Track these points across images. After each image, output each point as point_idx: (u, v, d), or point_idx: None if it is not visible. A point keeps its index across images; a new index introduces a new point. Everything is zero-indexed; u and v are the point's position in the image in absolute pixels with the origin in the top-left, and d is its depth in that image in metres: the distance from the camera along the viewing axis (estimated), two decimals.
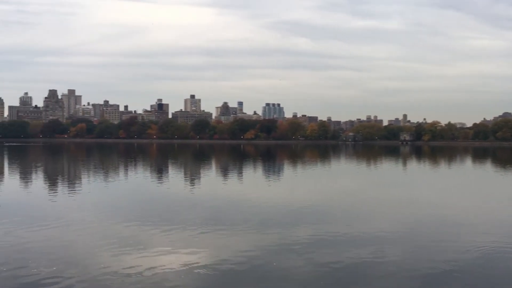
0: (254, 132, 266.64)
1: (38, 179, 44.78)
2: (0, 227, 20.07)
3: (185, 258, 15.30)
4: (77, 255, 15.62)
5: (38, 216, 22.62)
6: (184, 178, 47.11)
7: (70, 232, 19.07)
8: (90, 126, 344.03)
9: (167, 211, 25.02)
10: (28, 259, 14.94)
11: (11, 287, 12.47)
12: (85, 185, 38.56)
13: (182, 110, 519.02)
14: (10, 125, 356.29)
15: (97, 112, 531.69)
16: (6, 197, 31.16)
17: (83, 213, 23.91)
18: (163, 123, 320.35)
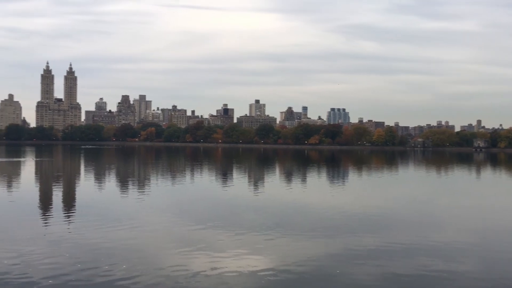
0: (318, 137, 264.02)
1: (111, 181, 47.01)
2: (76, 226, 21.23)
3: (249, 261, 15.36)
4: (146, 255, 16.13)
5: (110, 216, 23.67)
6: (248, 183, 47.50)
7: (139, 233, 19.76)
8: (159, 130, 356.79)
9: (232, 214, 25.29)
10: (101, 256, 15.64)
11: (84, 282, 13.08)
12: (154, 187, 39.92)
13: (247, 115, 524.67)
14: (86, 129, 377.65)
15: (165, 117, 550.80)
16: (82, 197, 32.99)
17: (153, 214, 24.73)
18: (228, 128, 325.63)
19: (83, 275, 13.59)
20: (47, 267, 14.29)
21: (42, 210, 26.15)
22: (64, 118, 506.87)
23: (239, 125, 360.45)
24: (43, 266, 14.33)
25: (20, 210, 25.50)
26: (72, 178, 49.92)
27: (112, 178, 49.93)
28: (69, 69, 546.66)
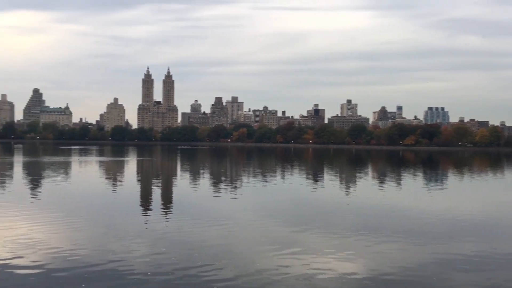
0: (414, 138, 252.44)
1: (205, 180, 48.79)
2: (173, 223, 22.26)
3: (337, 264, 15.04)
4: (238, 254, 16.44)
5: (205, 215, 24.49)
6: (339, 184, 46.68)
7: (232, 232, 20.20)
8: (250, 131, 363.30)
9: (323, 216, 24.98)
10: (195, 253, 16.21)
11: (179, 276, 13.63)
12: (246, 187, 40.70)
13: (338, 115, 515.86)
14: (182, 130, 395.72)
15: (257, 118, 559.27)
16: (178, 195, 34.60)
17: (245, 214, 25.20)
18: (319, 128, 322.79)
19: (178, 270, 14.17)
20: (146, 260, 15.10)
21: (143, 207, 27.72)
22: (162, 119, 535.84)
23: (330, 126, 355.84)
24: (142, 260, 15.18)
25: (123, 207, 27.26)
26: (170, 177, 52.54)
27: (206, 178, 51.76)
28: (167, 73, 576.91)
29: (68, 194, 33.40)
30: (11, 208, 24.93)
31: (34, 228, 19.61)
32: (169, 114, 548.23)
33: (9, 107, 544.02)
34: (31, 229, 19.48)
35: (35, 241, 17.21)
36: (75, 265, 14.36)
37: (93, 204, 27.83)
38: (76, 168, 63.97)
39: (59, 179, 44.33)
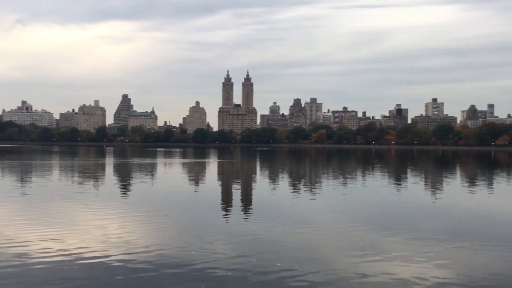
0: (508, 138, 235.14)
1: (284, 181, 48.76)
2: (252, 223, 22.39)
3: (427, 272, 14.18)
4: (316, 255, 16.13)
5: (284, 216, 24.41)
6: (425, 186, 44.44)
7: (312, 233, 19.89)
8: (329, 132, 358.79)
9: (405, 219, 23.86)
10: (274, 254, 16.12)
11: (258, 276, 13.61)
12: (326, 188, 40.08)
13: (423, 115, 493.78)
14: (261, 132, 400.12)
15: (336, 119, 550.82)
16: (258, 196, 34.84)
17: (324, 215, 24.78)
18: (402, 129, 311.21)
19: (257, 272, 14.16)
20: (226, 261, 15.27)
21: (224, 208, 28.19)
22: (242, 122, 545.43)
23: (414, 126, 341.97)
24: (223, 260, 15.37)
25: (205, 207, 27.91)
26: (249, 178, 53.15)
27: (285, 179, 51.70)
28: (246, 76, 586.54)
29: (154, 194, 34.91)
30: (102, 208, 26.49)
31: (123, 227, 20.64)
32: (248, 116, 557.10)
33: (101, 112, 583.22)
34: (121, 228, 20.52)
35: (124, 240, 18.08)
36: (160, 263, 14.85)
37: (178, 204, 28.81)
38: (161, 169, 66.89)
39: (146, 180, 46.55)
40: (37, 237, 18.14)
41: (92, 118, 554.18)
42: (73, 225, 20.78)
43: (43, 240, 17.62)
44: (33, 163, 75.30)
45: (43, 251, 15.96)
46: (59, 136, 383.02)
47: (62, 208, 26.05)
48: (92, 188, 37.99)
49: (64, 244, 17.01)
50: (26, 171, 56.55)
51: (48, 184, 40.76)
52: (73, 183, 42.46)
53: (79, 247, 16.50)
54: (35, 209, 25.47)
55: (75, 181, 44.67)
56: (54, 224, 20.98)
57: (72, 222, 21.74)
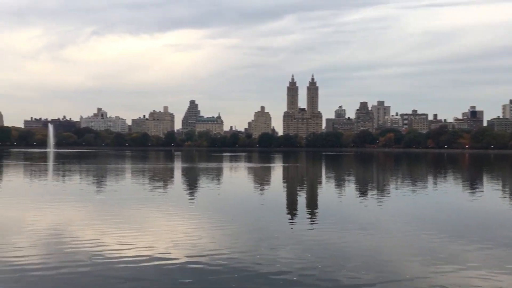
0: None
1: (350, 186, 47.82)
2: (318, 227, 22.11)
3: (505, 284, 13.25)
4: (384, 263, 15.62)
5: (350, 221, 23.93)
6: (502, 193, 41.75)
7: (379, 239, 19.32)
8: (398, 136, 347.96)
9: (481, 227, 22.50)
10: (340, 259, 15.83)
11: (322, 282, 13.36)
12: (394, 194, 38.84)
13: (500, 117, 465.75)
14: (327, 136, 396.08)
15: (405, 122, 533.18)
16: (323, 200, 34.40)
17: (393, 221, 23.99)
18: (477, 132, 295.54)
19: (323, 277, 13.95)
20: (292, 265, 15.19)
21: (289, 212, 28.10)
22: (307, 126, 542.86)
23: (490, 129, 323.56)
24: (288, 264, 15.31)
25: (271, 211, 27.97)
26: (315, 182, 52.68)
27: (352, 184, 50.69)
28: (311, 80, 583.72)
29: (221, 198, 35.52)
30: (171, 211, 27.34)
31: (191, 230, 21.14)
32: (313, 120, 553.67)
33: (170, 117, 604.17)
34: (188, 231, 21.03)
35: (191, 243, 18.50)
36: (226, 266, 15.03)
37: (243, 208, 29.09)
38: (227, 173, 67.99)
39: (213, 184, 47.49)
40: (111, 238, 19.01)
41: (161, 123, 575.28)
42: (144, 227, 21.58)
43: (117, 241, 18.43)
44: (108, 167, 79.31)
45: (116, 251, 16.70)
46: (131, 141, 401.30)
47: (134, 210, 27.18)
48: (161, 191, 39.33)
49: (136, 245, 17.69)
50: (101, 175, 59.66)
51: (121, 187, 42.71)
52: (144, 186, 44.20)
53: (149, 249, 17.09)
54: (109, 211, 26.76)
55: (146, 184, 46.47)
56: (126, 225, 21.90)
57: (144, 224, 22.59)
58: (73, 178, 54.19)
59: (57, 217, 24.40)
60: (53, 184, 45.88)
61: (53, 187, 42.47)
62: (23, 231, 20.29)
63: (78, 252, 16.45)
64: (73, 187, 42.20)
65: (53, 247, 17.31)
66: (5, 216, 24.64)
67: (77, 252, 16.45)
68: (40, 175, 58.26)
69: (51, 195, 35.32)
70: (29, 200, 31.53)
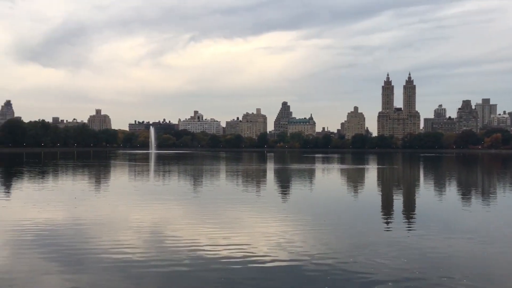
0: None
1: (451, 190, 44.95)
2: (415, 233, 21.03)
3: None
4: (490, 272, 14.51)
5: (451, 227, 22.53)
6: None
7: (483, 247, 17.94)
8: (506, 136, 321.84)
9: None
10: (438, 267, 14.89)
11: (418, 286, 12.64)
12: (502, 199, 35.85)
13: None
14: (425, 137, 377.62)
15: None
16: (421, 204, 32.67)
17: (499, 228, 22.10)
18: None
19: (421, 284, 13.18)
20: (388, 270, 14.60)
21: (384, 215, 27.11)
22: (403, 126, 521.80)
23: None
24: (383, 268, 14.73)
25: (365, 214, 27.18)
26: (412, 185, 50.35)
27: (453, 188, 47.63)
28: (408, 79, 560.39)
29: (313, 200, 35.24)
30: (264, 212, 27.66)
31: (283, 231, 21.17)
32: (410, 120, 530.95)
33: (263, 119, 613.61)
34: (281, 232, 21.09)
35: (284, 243, 18.51)
36: (318, 269, 14.80)
37: (336, 211, 28.55)
38: (319, 175, 67.37)
39: (305, 186, 47.29)
40: (206, 237, 19.64)
41: (254, 125, 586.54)
42: (238, 228, 22.02)
43: (211, 240, 18.99)
44: (203, 168, 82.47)
45: (211, 251, 17.19)
46: (225, 143, 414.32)
47: (228, 210, 27.89)
48: (254, 192, 39.97)
49: (229, 245, 18.08)
50: (198, 175, 62.16)
51: (216, 187, 44.11)
52: (237, 187, 45.23)
53: (242, 250, 17.36)
54: (204, 211, 27.73)
55: (240, 185, 47.53)
56: (221, 225, 22.51)
57: (237, 224, 23.06)
58: (172, 178, 57.07)
59: (157, 215, 25.78)
60: (154, 183, 48.66)
61: (154, 187, 45.03)
62: (127, 228, 21.69)
63: (176, 251, 17.17)
64: (172, 187, 44.40)
65: (154, 244, 18.27)
66: (112, 214, 26.54)
67: (176, 251, 17.17)
68: (142, 175, 62.16)
69: (152, 194, 37.45)
70: (133, 199, 33.70)
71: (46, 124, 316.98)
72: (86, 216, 24.91)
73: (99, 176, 61.19)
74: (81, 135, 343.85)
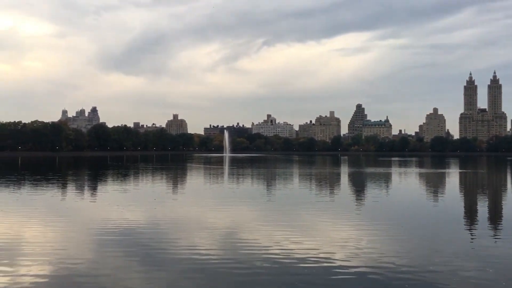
0: None
1: None
2: (502, 242, 19.66)
3: None
4: None
5: None
6: None
7: None
8: None
9: None
10: None
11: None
12: None
13: None
14: None
15: None
16: (509, 213, 30.49)
17: None
18: None
19: None
20: (469, 280, 13.77)
21: (467, 223, 25.64)
22: (488, 128, 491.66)
23: None
24: (465, 279, 13.95)
25: (445, 220, 25.89)
26: (499, 191, 47.20)
27: None
28: (493, 78, 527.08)
29: (389, 204, 34.11)
30: (338, 215, 27.24)
31: (358, 236, 20.68)
32: (495, 122, 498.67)
33: (336, 122, 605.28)
34: (355, 236, 20.61)
35: (356, 250, 18.06)
36: (395, 278, 14.26)
37: (415, 217, 27.36)
38: (396, 179, 65.12)
39: (381, 190, 45.91)
40: (279, 240, 19.63)
41: (327, 128, 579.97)
42: (311, 231, 21.81)
43: (285, 243, 18.96)
44: (277, 171, 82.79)
45: (285, 254, 17.17)
46: (298, 146, 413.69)
47: (301, 214, 27.74)
48: (328, 196, 39.45)
49: (302, 249, 17.94)
50: (271, 178, 62.50)
51: (289, 191, 44.07)
52: (311, 190, 44.90)
53: (315, 254, 17.17)
54: (277, 214, 27.79)
55: (313, 189, 47.15)
56: (294, 229, 22.43)
57: (310, 228, 22.85)
58: (246, 181, 57.86)
59: (231, 218, 26.22)
60: (229, 186, 49.61)
61: (229, 189, 45.90)
62: (203, 230, 22.26)
63: (250, 254, 17.33)
64: (246, 190, 45.00)
65: (229, 246, 18.58)
66: (188, 215, 27.39)
67: (249, 254, 17.33)
68: (217, 178, 63.62)
69: (227, 196, 38.20)
70: (208, 201, 34.56)
71: (128, 129, 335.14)
72: (164, 217, 25.93)
73: (176, 178, 63.50)
74: (159, 139, 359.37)
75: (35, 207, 30.05)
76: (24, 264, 15.45)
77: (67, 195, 39.40)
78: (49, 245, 18.26)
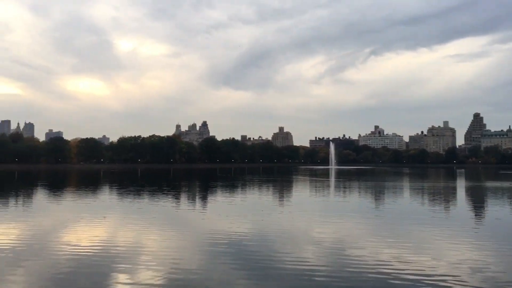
0: None
1: None
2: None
3: None
4: None
5: None
6: None
7: None
8: None
9: None
10: None
11: None
12: None
13: None
14: None
15: None
16: None
17: None
18: None
19: None
20: None
21: None
22: None
23: None
24: None
25: None
26: None
27: None
28: None
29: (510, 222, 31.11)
30: (455, 234, 25.47)
31: (477, 257, 19.14)
32: None
33: (451, 133, 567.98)
34: (474, 257, 19.11)
35: (477, 270, 16.71)
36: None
37: None
38: None
39: (503, 206, 42.00)
40: (388, 257, 18.84)
41: (441, 139, 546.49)
42: (424, 249, 20.62)
43: (393, 259, 18.16)
44: (386, 184, 79.80)
45: (395, 271, 16.44)
46: (408, 158, 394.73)
47: (412, 230, 26.40)
48: (442, 211, 37.12)
49: (414, 268, 17.06)
50: (380, 192, 60.39)
51: (399, 206, 42.19)
52: (423, 205, 42.56)
53: (428, 273, 16.23)
54: (387, 229, 26.74)
55: (425, 203, 44.65)
56: (403, 244, 21.45)
57: (423, 246, 21.60)
58: (353, 194, 56.57)
59: (338, 232, 25.75)
60: (335, 199, 48.90)
61: (335, 202, 45.24)
62: (310, 243, 22.17)
63: (357, 269, 16.86)
64: (353, 203, 43.99)
65: (335, 260, 18.26)
66: (295, 228, 27.44)
67: (357, 269, 16.87)
68: (323, 190, 63.07)
69: (333, 210, 37.69)
70: (314, 214, 34.36)
71: (235, 142, 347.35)
72: (271, 229, 26.29)
73: (282, 190, 64.17)
74: (265, 151, 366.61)
75: (153, 216, 32.31)
76: (141, 271, 16.64)
77: (181, 205, 41.79)
78: (163, 254, 19.48)
